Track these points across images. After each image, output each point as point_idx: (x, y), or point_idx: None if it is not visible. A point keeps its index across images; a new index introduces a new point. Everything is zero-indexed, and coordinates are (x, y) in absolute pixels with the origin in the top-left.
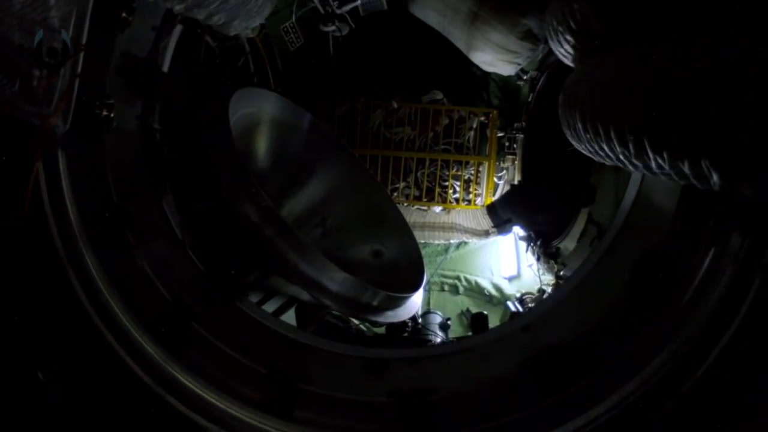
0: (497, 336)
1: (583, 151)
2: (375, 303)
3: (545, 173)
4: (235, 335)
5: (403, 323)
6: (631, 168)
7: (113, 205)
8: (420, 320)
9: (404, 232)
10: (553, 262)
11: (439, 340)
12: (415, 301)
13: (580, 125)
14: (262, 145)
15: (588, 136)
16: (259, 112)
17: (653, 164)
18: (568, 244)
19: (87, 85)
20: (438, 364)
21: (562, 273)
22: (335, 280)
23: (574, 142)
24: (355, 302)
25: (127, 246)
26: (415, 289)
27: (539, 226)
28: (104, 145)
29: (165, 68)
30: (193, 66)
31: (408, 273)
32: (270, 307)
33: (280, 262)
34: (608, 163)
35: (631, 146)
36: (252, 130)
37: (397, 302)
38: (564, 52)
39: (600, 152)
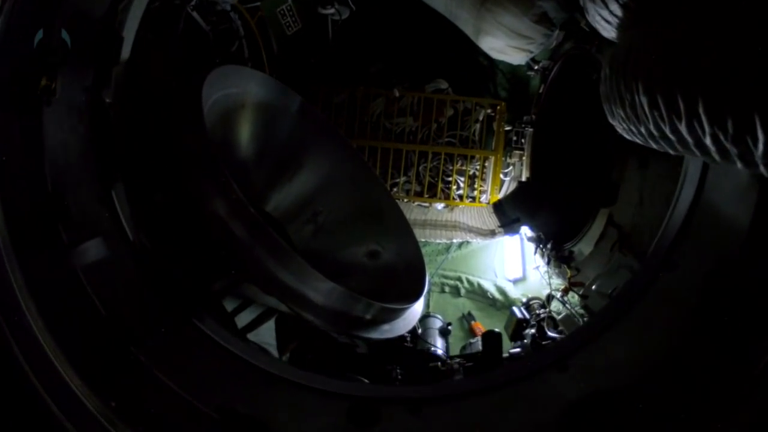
0: (524, 375)
1: (633, 136)
2: (368, 316)
3: (557, 170)
4: (187, 364)
5: (401, 336)
6: (715, 157)
7: (46, 194)
8: (419, 328)
9: (404, 231)
10: (565, 266)
11: (440, 351)
12: (416, 311)
13: (643, 100)
14: (245, 130)
15: (657, 113)
16: (242, 94)
17: (760, 149)
18: (583, 247)
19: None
20: (447, 413)
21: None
22: (320, 290)
23: (625, 125)
24: (344, 316)
25: (58, 245)
26: (416, 297)
27: (550, 227)
28: (42, 120)
29: (125, 33)
30: (170, 37)
31: (407, 278)
32: (245, 317)
33: (253, 268)
34: (675, 150)
35: (730, 126)
36: (234, 113)
37: (394, 314)
38: (607, 15)
39: (671, 135)
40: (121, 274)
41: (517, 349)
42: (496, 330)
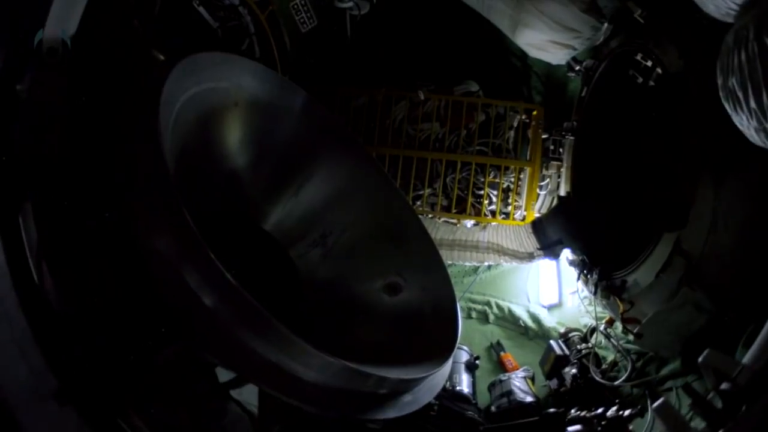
0: None
1: None
2: (384, 390)
3: (604, 184)
4: None
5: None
6: None
7: None
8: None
9: (431, 259)
10: (615, 298)
11: (466, 389)
12: (445, 368)
13: None
14: (238, 133)
15: None
16: (233, 89)
17: None
18: (640, 277)
19: None
20: None
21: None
22: (312, 366)
23: None
24: (348, 396)
25: None
26: (447, 353)
27: (597, 251)
28: None
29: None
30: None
31: (435, 322)
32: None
33: (210, 335)
34: None
35: None
36: (223, 112)
37: (418, 382)
38: None
39: None
40: (9, 341)
41: (577, 428)
42: (553, 411)
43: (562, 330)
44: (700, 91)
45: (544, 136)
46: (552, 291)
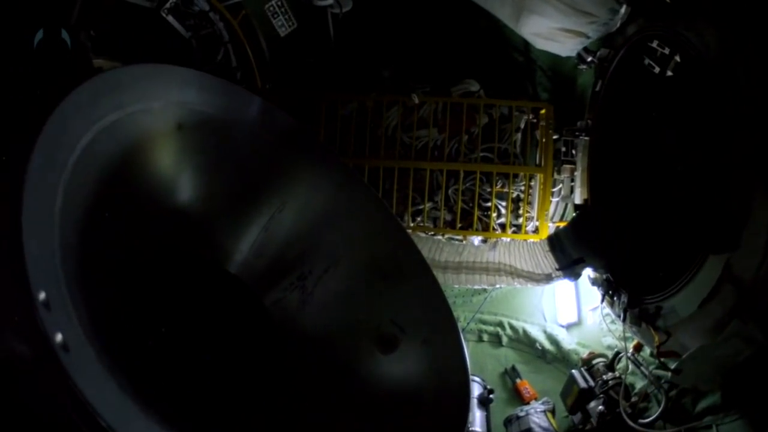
0: None
1: None
2: None
3: (630, 191)
4: None
5: None
6: None
7: None
8: None
9: (433, 298)
10: (648, 326)
11: (479, 429)
12: None
13: None
14: (185, 161)
15: None
16: (174, 108)
17: None
18: (679, 304)
19: None
20: None
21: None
22: None
23: None
24: None
25: None
26: None
27: (625, 271)
28: None
29: None
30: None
31: (439, 395)
32: None
33: None
34: None
35: None
36: (161, 139)
37: None
38: None
39: None
40: None
41: None
42: None
43: (583, 353)
44: (751, 81)
45: (554, 137)
46: (570, 308)
